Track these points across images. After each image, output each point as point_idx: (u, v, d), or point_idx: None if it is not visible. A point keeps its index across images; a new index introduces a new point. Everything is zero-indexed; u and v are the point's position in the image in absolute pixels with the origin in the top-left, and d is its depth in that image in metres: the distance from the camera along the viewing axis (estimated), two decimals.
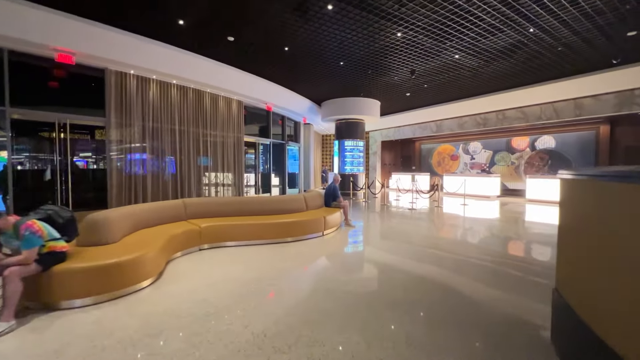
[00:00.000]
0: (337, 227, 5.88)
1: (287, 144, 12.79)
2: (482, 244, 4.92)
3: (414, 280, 3.28)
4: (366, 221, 7.11)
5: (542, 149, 11.99)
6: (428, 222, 6.83)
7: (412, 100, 12.56)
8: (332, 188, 6.25)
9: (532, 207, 9.48)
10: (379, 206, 9.60)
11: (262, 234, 4.63)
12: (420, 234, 5.60)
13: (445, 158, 15.82)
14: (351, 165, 12.66)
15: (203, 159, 8.72)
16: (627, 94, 8.39)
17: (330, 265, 3.83)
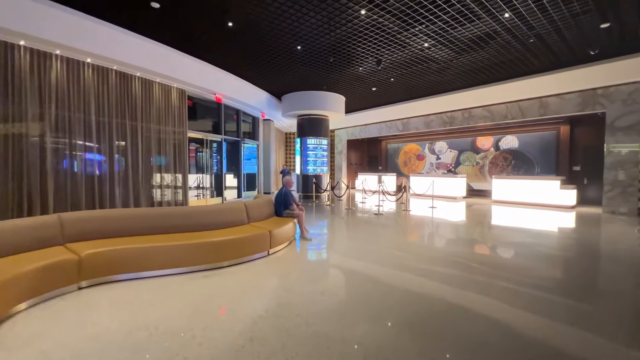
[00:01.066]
0: (290, 242, 4.79)
1: (243, 141, 11.44)
2: (480, 265, 4.10)
3: (387, 333, 2.28)
4: (327, 231, 6.10)
5: (506, 149, 11.88)
6: (399, 232, 5.98)
7: (378, 96, 11.85)
8: (284, 194, 5.14)
9: (502, 209, 9.12)
10: (344, 210, 8.67)
11: (183, 260, 3.40)
12: (391, 248, 4.69)
13: (411, 158, 15.42)
14: (314, 165, 11.64)
15: (138, 157, 7.16)
16: (590, 93, 8.26)
17: (271, 303, 2.73)
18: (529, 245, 4.84)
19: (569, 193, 8.90)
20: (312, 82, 10.13)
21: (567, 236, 5.66)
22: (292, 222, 4.88)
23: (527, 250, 4.56)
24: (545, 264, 3.96)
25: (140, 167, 7.32)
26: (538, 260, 4.10)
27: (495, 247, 4.90)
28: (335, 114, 11.71)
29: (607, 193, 8.01)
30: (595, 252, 4.58)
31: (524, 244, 4.95)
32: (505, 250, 4.66)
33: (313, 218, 7.46)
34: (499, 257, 4.34)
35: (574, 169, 10.28)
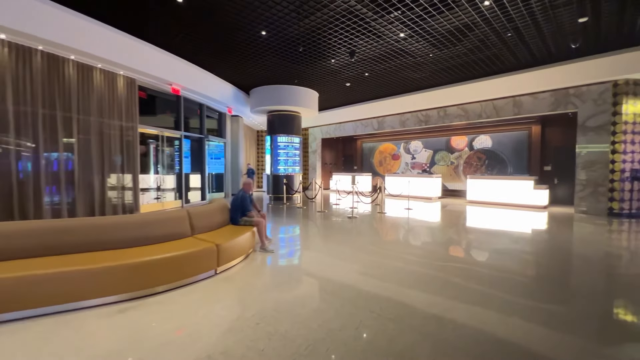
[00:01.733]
0: (247, 255, 4.06)
1: (207, 138, 10.47)
2: (465, 281, 3.58)
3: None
4: (295, 239, 5.42)
5: (480, 149, 11.81)
6: (374, 240, 5.41)
7: (352, 93, 11.33)
8: (240, 198, 4.39)
9: (477, 210, 8.90)
10: (316, 213, 8.03)
11: (96, 287, 2.58)
12: (368, 259, 4.10)
13: (386, 157, 15.10)
14: (285, 164, 10.91)
15: (67, 153, 6.06)
16: (562, 92, 8.21)
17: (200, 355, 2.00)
18: (511, 253, 4.45)
19: (542, 193, 8.84)
20: (282, 75, 9.39)
21: (544, 239, 5.38)
22: (251, 231, 4.15)
23: (511, 260, 4.14)
24: (529, 272, 3.54)
25: (78, 167, 6.23)
26: (523, 270, 3.67)
27: (475, 253, 4.46)
28: (308, 110, 11.05)
29: (579, 193, 7.98)
30: (580, 258, 4.26)
31: (505, 251, 4.55)
32: (485, 257, 4.23)
33: (280, 223, 6.75)
34: (479, 264, 3.89)
35: (545, 168, 10.34)
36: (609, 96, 7.52)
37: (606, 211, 7.62)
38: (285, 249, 4.60)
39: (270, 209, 8.99)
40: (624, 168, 7.48)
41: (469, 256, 4.36)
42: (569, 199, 9.71)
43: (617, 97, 7.45)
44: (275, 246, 4.67)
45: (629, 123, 7.45)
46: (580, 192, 7.96)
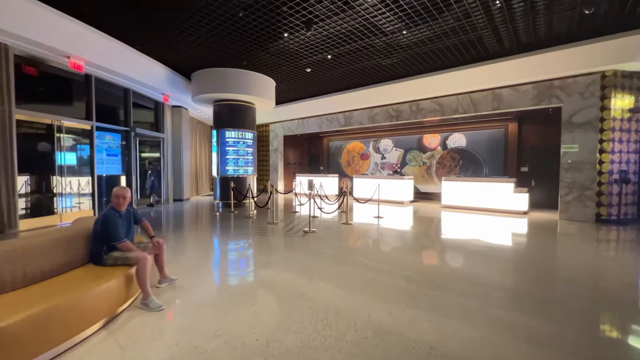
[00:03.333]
0: (109, 319, 2.37)
1: (133, 131, 8.43)
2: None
3: None
4: (208, 278, 3.79)
5: (454, 148, 10.88)
6: (331, 274, 3.91)
7: (315, 83, 9.85)
8: (102, 221, 2.64)
9: (454, 216, 7.81)
10: (266, 225, 6.44)
11: None
12: (313, 316, 2.58)
13: (355, 157, 13.83)
14: (235, 164, 9.16)
15: None
16: (546, 85, 7.34)
17: None
18: (513, 292, 3.18)
19: (522, 197, 7.96)
20: (227, 55, 7.66)
21: (530, 254, 4.24)
22: (124, 275, 2.47)
23: (500, 289, 2.86)
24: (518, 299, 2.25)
25: None
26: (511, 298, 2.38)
27: (467, 284, 3.14)
28: (264, 101, 9.39)
29: (564, 197, 7.14)
30: (567, 272, 3.09)
31: (493, 276, 3.27)
32: (472, 288, 2.91)
33: (205, 244, 5.05)
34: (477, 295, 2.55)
35: (522, 169, 9.57)
36: (597, 89, 6.72)
37: (593, 217, 6.82)
38: (187, 298, 2.94)
39: (208, 221, 7.23)
40: (612, 169, 6.72)
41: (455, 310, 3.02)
42: (549, 203, 8.99)
43: (605, 90, 6.67)
44: (176, 279, 3.01)
45: (617, 119, 6.69)
46: (566, 196, 7.12)
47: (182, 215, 8.05)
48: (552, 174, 8.95)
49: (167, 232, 5.81)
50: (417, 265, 3.85)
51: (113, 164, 8.45)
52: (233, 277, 3.55)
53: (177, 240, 5.15)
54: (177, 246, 4.77)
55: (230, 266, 3.94)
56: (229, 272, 3.73)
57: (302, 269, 3.62)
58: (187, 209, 8.99)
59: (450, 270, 3.81)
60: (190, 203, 10.32)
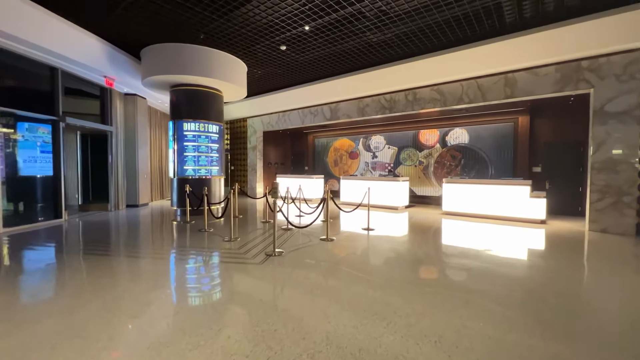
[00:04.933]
0: None
1: (62, 121, 6.75)
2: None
3: None
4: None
5: (454, 145, 9.52)
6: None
7: (295, 66, 8.32)
8: None
9: (458, 226, 6.41)
10: (221, 243, 4.90)
11: None
12: None
13: (343, 156, 12.37)
14: (195, 163, 7.55)
15: None
16: (572, 66, 6.00)
17: None
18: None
19: (539, 203, 6.62)
20: (179, 24, 6.08)
21: (562, 282, 2.82)
22: None
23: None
24: None
25: None
26: None
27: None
28: (233, 88, 7.82)
29: (595, 203, 5.80)
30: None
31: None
32: None
33: (109, 276, 3.46)
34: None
35: (534, 170, 8.27)
36: (638, 70, 5.41)
37: (634, 229, 5.50)
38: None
39: (146, 236, 5.63)
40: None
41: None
42: (568, 209, 7.71)
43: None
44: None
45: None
46: (598, 202, 5.78)
47: (118, 227, 6.40)
48: (570, 175, 7.67)
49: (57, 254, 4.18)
50: (433, 329, 2.37)
51: (48, 162, 6.77)
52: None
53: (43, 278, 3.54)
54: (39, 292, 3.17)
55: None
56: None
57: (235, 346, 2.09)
58: (133, 218, 7.34)
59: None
60: (146, 210, 8.66)
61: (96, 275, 3.34)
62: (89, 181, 8.53)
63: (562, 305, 2.66)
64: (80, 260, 3.95)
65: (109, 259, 3.99)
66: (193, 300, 2.77)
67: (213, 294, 2.94)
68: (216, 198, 7.85)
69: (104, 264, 3.74)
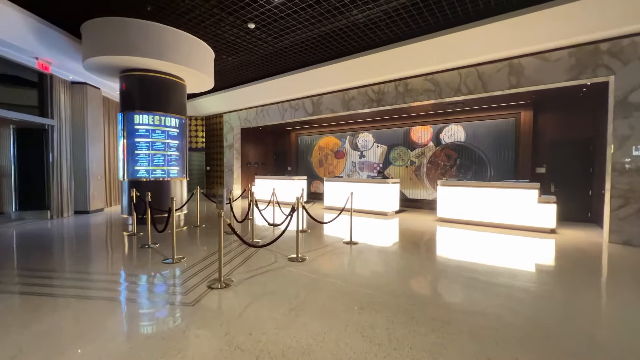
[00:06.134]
0: None
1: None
2: None
3: None
4: None
5: (449, 144, 8.61)
6: None
7: (270, 53, 7.23)
8: None
9: (457, 236, 5.46)
10: (155, 267, 3.80)
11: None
12: None
13: (328, 155, 11.35)
14: (150, 163, 6.39)
15: None
16: (589, 49, 5.13)
17: None
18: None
19: (548, 209, 5.74)
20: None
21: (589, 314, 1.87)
22: None
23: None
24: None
25: None
26: None
27: None
28: (197, 76, 6.71)
29: (617, 211, 4.93)
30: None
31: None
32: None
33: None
34: None
35: (538, 171, 7.42)
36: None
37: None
38: None
39: (72, 252, 4.48)
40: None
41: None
42: (577, 215, 6.88)
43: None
44: None
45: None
46: (619, 209, 4.91)
47: (41, 241, 5.20)
48: (578, 177, 6.84)
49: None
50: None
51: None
52: None
53: None
54: None
55: None
56: None
57: None
58: (73, 229, 6.13)
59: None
60: (98, 217, 7.43)
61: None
62: (27, 184, 7.25)
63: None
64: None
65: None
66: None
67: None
68: (176, 204, 6.68)
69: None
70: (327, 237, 5.43)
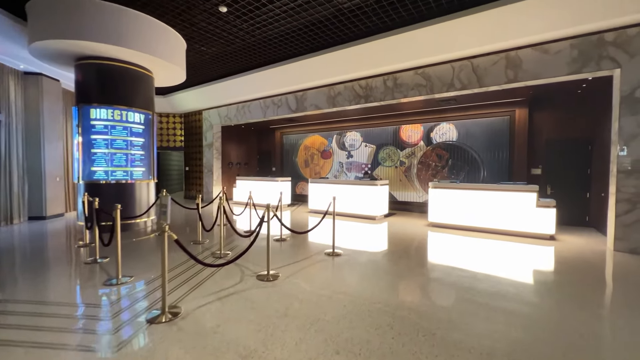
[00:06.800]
0: None
1: None
2: None
3: None
4: None
5: (441, 143, 8.16)
6: None
7: (249, 44, 6.59)
8: None
9: (451, 244, 4.98)
10: (85, 296, 3.13)
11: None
12: None
13: (314, 155, 10.77)
14: (109, 163, 5.67)
15: None
16: (592, 40, 4.71)
17: None
18: None
19: (548, 214, 5.31)
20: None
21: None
22: None
23: None
24: None
25: None
26: None
27: None
28: (166, 67, 6.04)
29: (622, 217, 4.52)
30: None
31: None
32: None
33: None
34: None
35: (533, 172, 7.03)
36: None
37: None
38: None
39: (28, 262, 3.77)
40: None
41: None
42: (575, 219, 6.53)
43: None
44: None
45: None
46: (625, 214, 4.51)
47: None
48: (575, 179, 6.48)
49: None
50: None
51: None
52: None
53: None
54: None
55: None
56: None
57: None
58: (18, 238, 5.37)
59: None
60: (54, 224, 6.65)
61: None
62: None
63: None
64: None
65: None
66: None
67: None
68: (139, 208, 5.99)
69: None
70: (308, 245, 4.85)
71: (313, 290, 3.04)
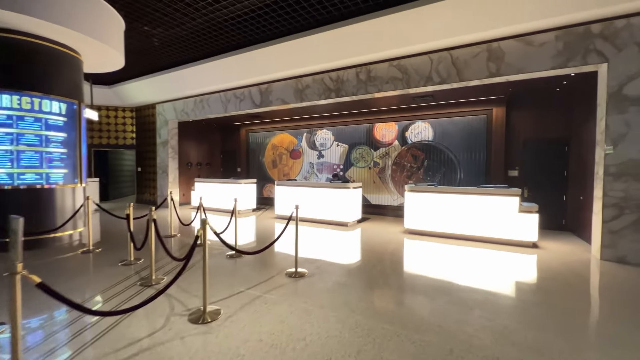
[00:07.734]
0: None
1: None
2: None
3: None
4: None
5: (416, 143, 7.68)
6: None
7: (204, 28, 5.64)
8: None
9: (428, 255, 4.42)
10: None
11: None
12: None
13: (282, 155, 9.95)
14: (14, 164, 4.50)
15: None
16: (579, 32, 4.34)
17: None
18: None
19: (530, 219, 4.93)
20: None
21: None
22: None
23: None
24: None
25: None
26: None
27: None
28: (98, 48, 4.98)
29: (610, 223, 4.18)
30: None
31: None
32: None
33: None
34: None
35: (510, 174, 6.73)
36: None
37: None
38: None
39: None
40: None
41: None
42: (553, 223, 6.27)
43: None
44: None
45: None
46: (613, 221, 4.17)
47: None
48: (552, 181, 6.22)
49: None
50: None
51: None
52: None
53: None
54: None
55: None
56: None
57: None
58: None
59: None
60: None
61: None
62: None
63: None
64: None
65: None
66: None
67: None
68: (61, 219, 4.85)
69: None
70: (268, 262, 4.05)
71: (261, 337, 2.26)
